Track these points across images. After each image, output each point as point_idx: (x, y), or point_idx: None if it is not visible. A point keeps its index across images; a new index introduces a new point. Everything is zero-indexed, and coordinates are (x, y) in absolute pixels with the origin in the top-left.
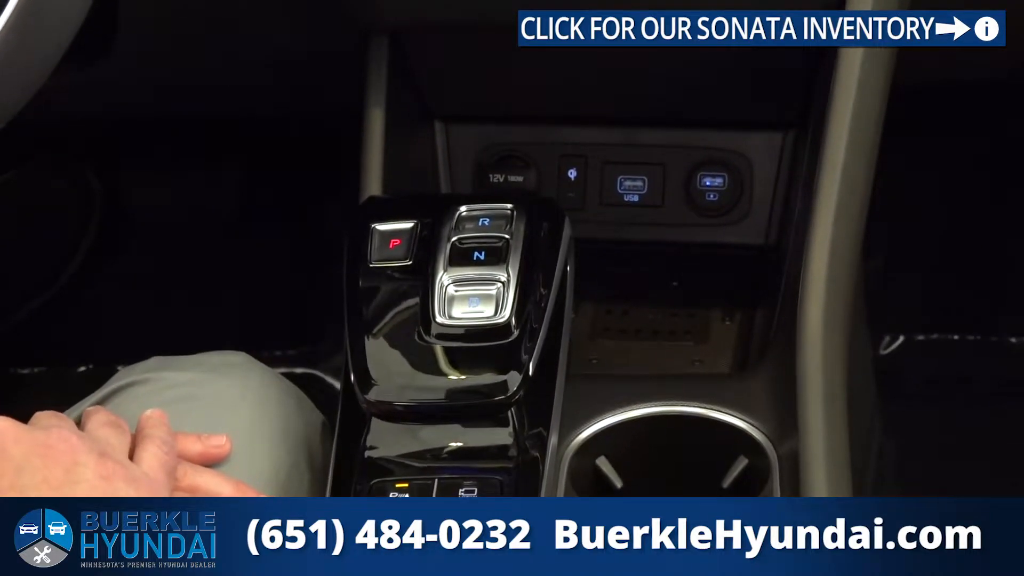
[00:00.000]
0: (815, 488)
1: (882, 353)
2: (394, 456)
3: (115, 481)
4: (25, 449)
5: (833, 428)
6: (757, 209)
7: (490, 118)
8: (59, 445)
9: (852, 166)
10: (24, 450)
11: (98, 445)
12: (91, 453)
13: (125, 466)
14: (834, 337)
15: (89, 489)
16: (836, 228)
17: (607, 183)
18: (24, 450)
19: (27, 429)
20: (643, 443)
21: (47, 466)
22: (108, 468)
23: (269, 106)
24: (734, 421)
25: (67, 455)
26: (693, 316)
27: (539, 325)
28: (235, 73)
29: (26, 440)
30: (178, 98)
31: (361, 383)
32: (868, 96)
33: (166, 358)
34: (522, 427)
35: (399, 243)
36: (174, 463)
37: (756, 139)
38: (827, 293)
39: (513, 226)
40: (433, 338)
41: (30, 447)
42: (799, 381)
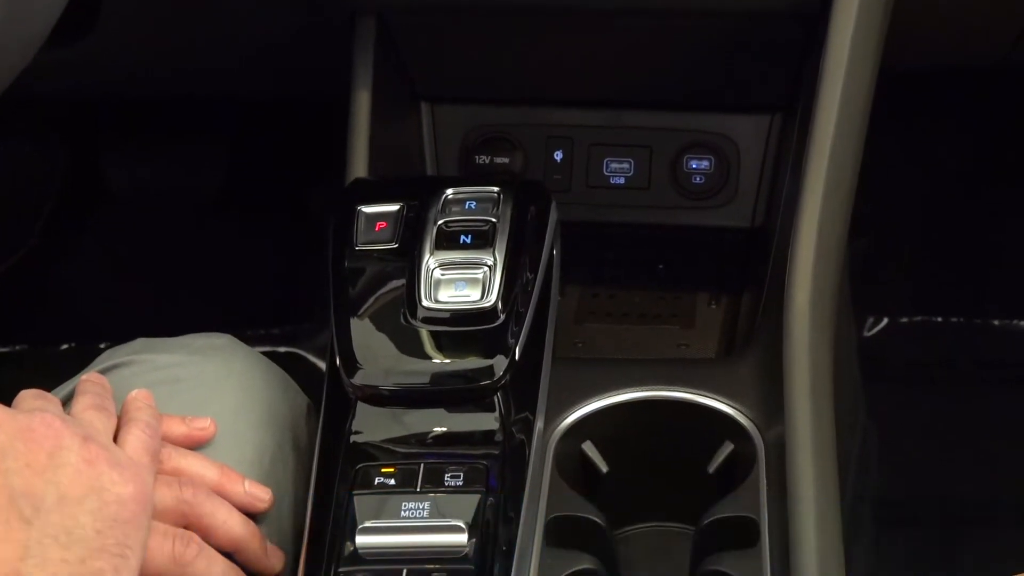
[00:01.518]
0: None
1: (866, 335)
2: (379, 441)
3: (99, 465)
4: (8, 433)
5: (819, 414)
6: (744, 192)
7: (476, 99)
8: (42, 429)
9: (840, 149)
10: (7, 434)
11: (82, 428)
12: (75, 437)
13: (109, 449)
14: (821, 321)
15: (73, 473)
16: (823, 211)
17: (593, 165)
18: (7, 434)
19: (10, 413)
20: (629, 428)
21: (30, 450)
22: (92, 452)
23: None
24: (720, 406)
25: (50, 439)
26: (679, 299)
27: (525, 309)
28: (219, 52)
29: (9, 424)
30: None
31: (346, 367)
32: (857, 78)
33: (151, 340)
34: (508, 412)
35: (385, 226)
36: (158, 446)
37: (743, 122)
38: (814, 276)
39: (500, 209)
40: (419, 322)
41: (13, 431)
42: (785, 366)
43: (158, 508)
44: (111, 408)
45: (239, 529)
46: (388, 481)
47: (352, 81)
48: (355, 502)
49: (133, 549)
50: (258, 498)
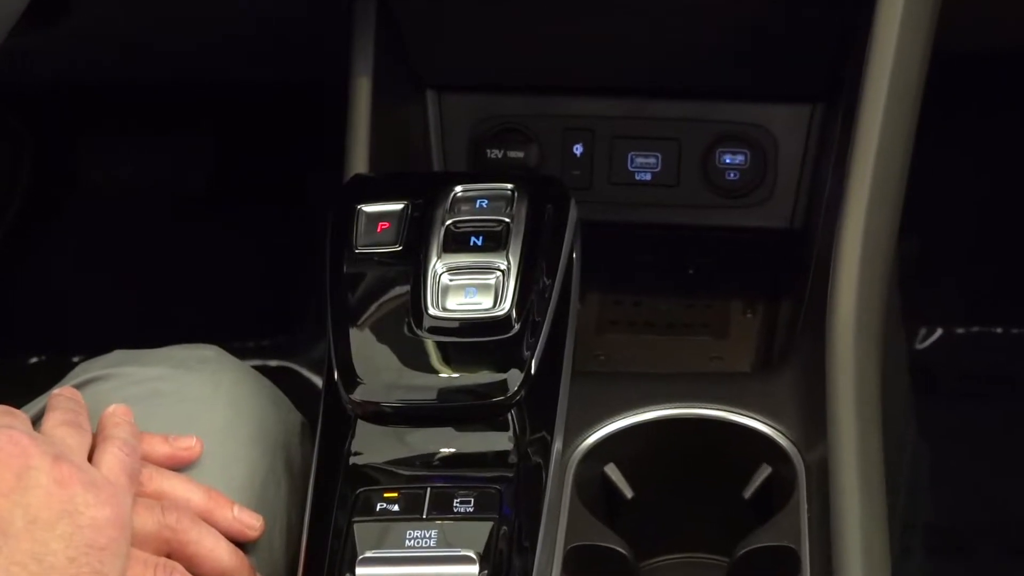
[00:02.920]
0: (846, 500)
1: (918, 348)
2: (382, 462)
3: (72, 486)
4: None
5: (866, 433)
6: (782, 190)
7: (487, 87)
8: (9, 447)
9: (888, 142)
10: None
11: (53, 447)
12: (45, 456)
13: (83, 469)
14: (867, 332)
15: (44, 496)
16: (870, 210)
17: (616, 160)
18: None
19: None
20: (656, 449)
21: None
22: (64, 472)
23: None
24: (756, 425)
25: (18, 458)
26: (711, 308)
27: (542, 318)
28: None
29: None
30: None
31: (345, 381)
32: (907, 63)
33: (130, 352)
34: (523, 431)
35: (387, 226)
36: (137, 466)
37: (781, 112)
38: (860, 283)
39: (513, 208)
40: (425, 332)
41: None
42: (828, 381)
43: (138, 534)
44: (86, 425)
45: (227, 559)
46: (391, 507)
47: (351, 67)
48: (355, 530)
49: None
50: (248, 525)
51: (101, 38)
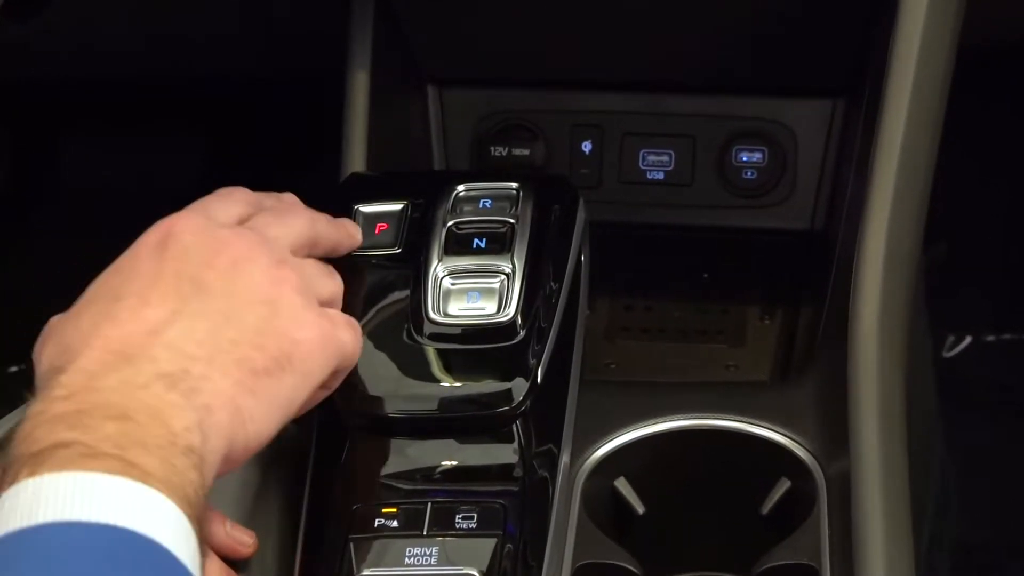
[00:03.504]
0: (869, 515)
1: (945, 356)
2: (380, 476)
3: (285, 287)
4: (197, 237)
5: (890, 446)
6: (802, 189)
7: (491, 81)
8: (238, 242)
9: (913, 139)
10: (196, 238)
11: (283, 255)
12: (270, 256)
13: (304, 284)
14: (891, 339)
15: (251, 281)
16: (894, 212)
17: (627, 158)
18: (196, 238)
19: (209, 221)
20: (669, 462)
21: (217, 253)
22: (284, 275)
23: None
24: (774, 437)
25: (243, 251)
26: (727, 314)
27: (549, 324)
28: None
29: (202, 231)
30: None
31: (341, 391)
32: (933, 56)
33: None
34: (529, 443)
35: (386, 227)
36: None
37: (801, 107)
38: (883, 287)
39: (519, 209)
40: (425, 339)
41: (205, 238)
42: (850, 390)
43: None
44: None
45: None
46: (390, 523)
47: (348, 60)
48: (352, 547)
49: (300, 372)
50: (241, 542)
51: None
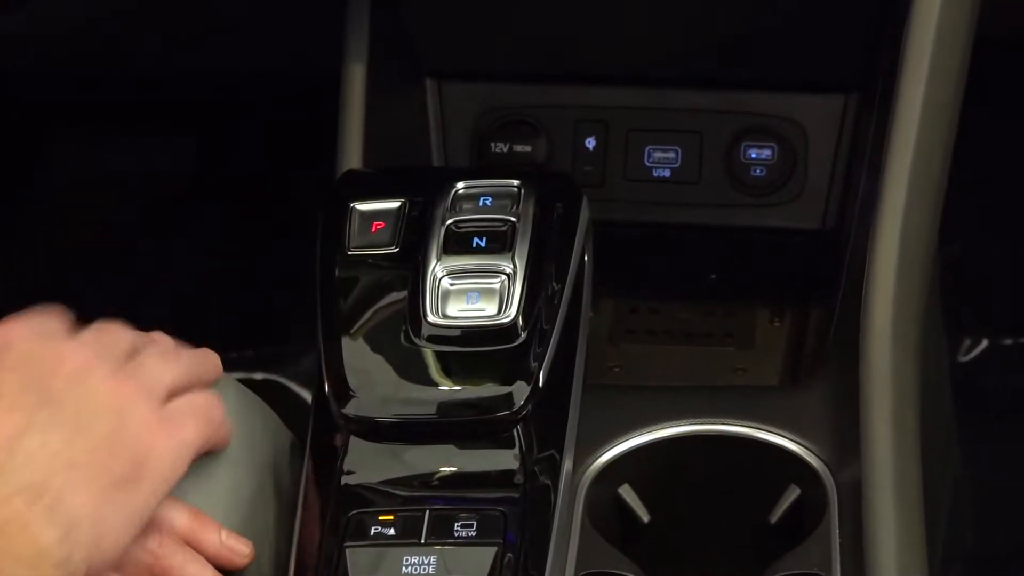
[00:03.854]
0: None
1: (961, 360)
2: (376, 482)
3: (126, 392)
4: (32, 346)
5: (903, 452)
6: (812, 187)
7: (492, 75)
8: (77, 351)
9: (928, 135)
10: (30, 346)
11: (121, 362)
12: (108, 363)
13: (146, 388)
14: (905, 342)
15: (96, 390)
16: (908, 210)
17: (632, 154)
18: (30, 346)
19: (49, 335)
20: (675, 469)
21: (58, 362)
22: (124, 382)
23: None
24: (784, 443)
25: (82, 360)
26: (734, 316)
27: (551, 326)
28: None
29: (37, 341)
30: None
31: (337, 394)
32: (948, 49)
33: None
34: (530, 449)
35: (383, 226)
36: (220, 414)
37: (812, 102)
38: (897, 289)
39: (520, 207)
40: (424, 341)
41: (43, 349)
42: (862, 395)
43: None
44: (186, 362)
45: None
46: (387, 531)
47: (344, 52)
48: (347, 556)
49: (154, 479)
50: (236, 551)
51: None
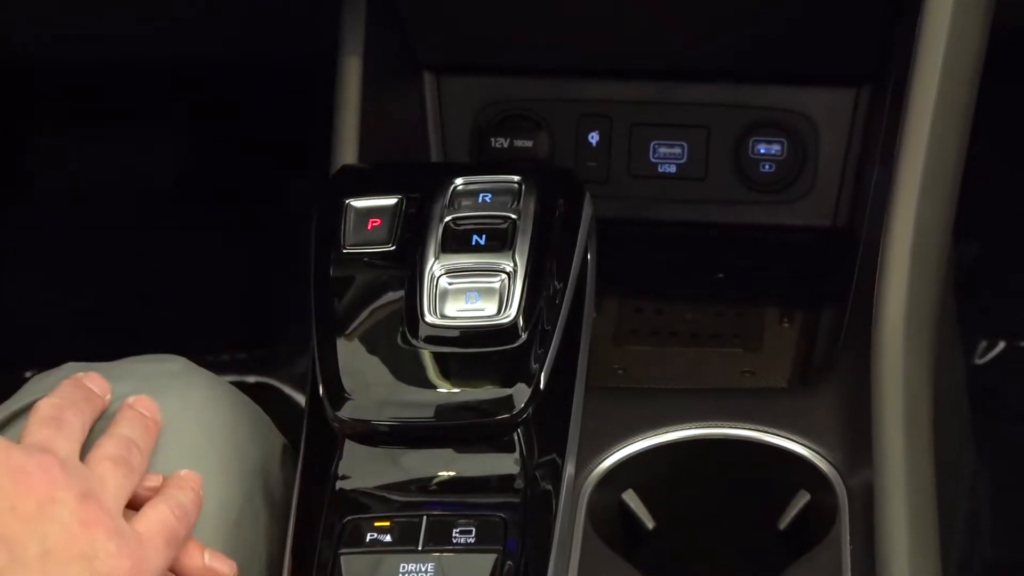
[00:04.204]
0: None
1: (977, 363)
2: (372, 487)
3: (95, 530)
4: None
5: (916, 457)
6: (823, 183)
7: (492, 68)
8: (38, 474)
9: (942, 129)
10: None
11: (86, 483)
12: (72, 491)
13: (111, 515)
14: (918, 343)
15: (63, 532)
16: (921, 207)
17: (637, 150)
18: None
19: (5, 447)
20: (680, 474)
21: (19, 493)
22: (89, 513)
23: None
24: (793, 447)
25: (44, 487)
26: (742, 316)
27: (552, 327)
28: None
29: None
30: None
31: (331, 397)
32: (963, 40)
33: (87, 365)
34: (531, 453)
35: (379, 223)
36: (183, 534)
37: (822, 96)
38: (910, 288)
39: (520, 203)
40: (421, 342)
41: (3, 468)
42: (874, 398)
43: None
44: (138, 462)
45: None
46: (383, 537)
47: (339, 44)
48: (342, 564)
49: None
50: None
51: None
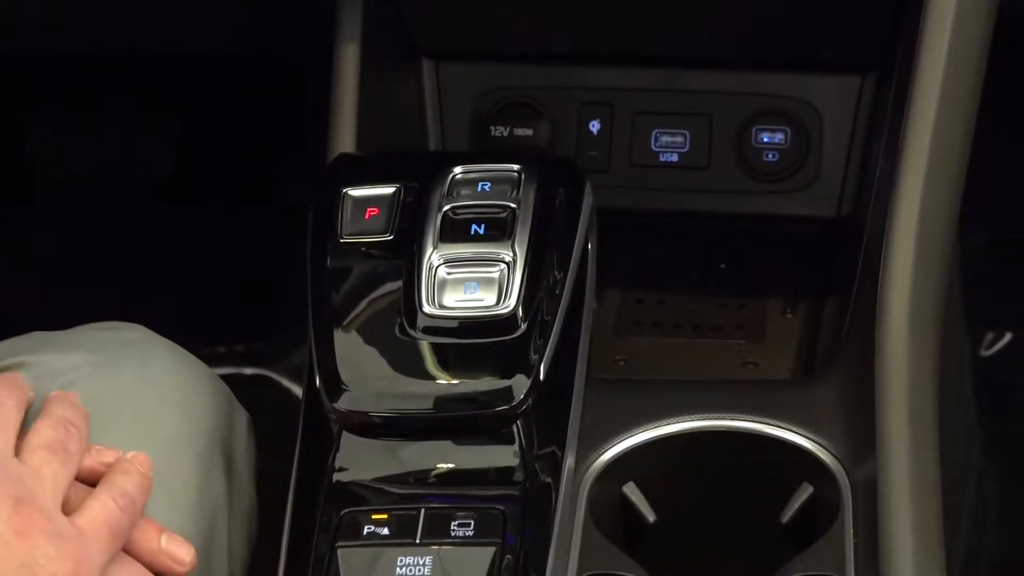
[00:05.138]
0: (897, 525)
1: (983, 355)
2: (370, 480)
3: (32, 537)
4: None
5: (920, 449)
6: (827, 172)
7: (491, 55)
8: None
9: (947, 117)
10: None
11: (19, 486)
12: (6, 499)
13: (48, 516)
14: (923, 334)
15: (0, 545)
16: (926, 197)
17: (639, 139)
18: None
19: None
20: (682, 466)
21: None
22: (24, 520)
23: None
24: (796, 439)
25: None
26: (745, 307)
27: (552, 317)
28: None
29: None
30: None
31: (329, 388)
32: (968, 26)
33: (48, 335)
34: (530, 445)
35: (377, 213)
36: (128, 523)
37: (826, 84)
38: (914, 279)
39: (520, 192)
40: (419, 333)
41: None
42: (878, 390)
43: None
44: (74, 446)
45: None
46: (381, 530)
47: (336, 31)
48: (339, 557)
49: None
50: (177, 559)
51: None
